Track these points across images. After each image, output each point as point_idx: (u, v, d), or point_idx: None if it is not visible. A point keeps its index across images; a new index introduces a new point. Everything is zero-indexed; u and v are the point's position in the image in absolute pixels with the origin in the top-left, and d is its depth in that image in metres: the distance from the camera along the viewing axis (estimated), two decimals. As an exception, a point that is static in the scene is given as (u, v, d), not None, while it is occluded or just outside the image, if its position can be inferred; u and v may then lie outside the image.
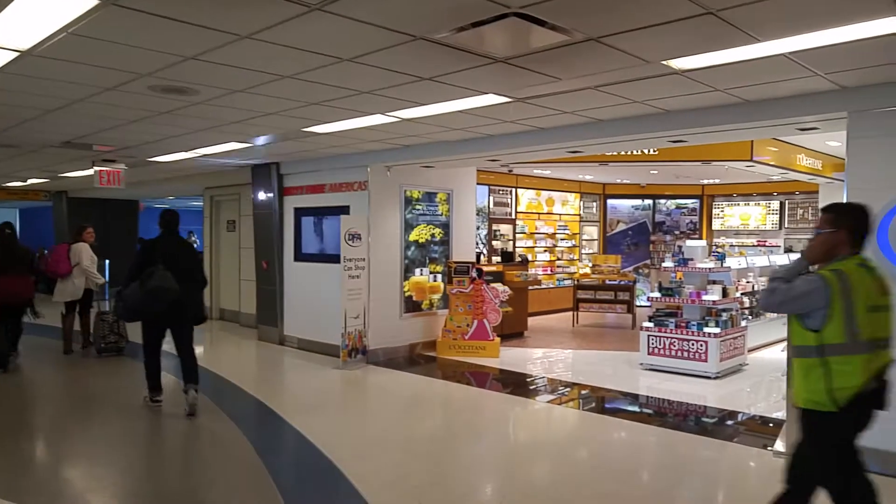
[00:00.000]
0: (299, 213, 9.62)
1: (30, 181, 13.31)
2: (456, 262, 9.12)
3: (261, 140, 7.39)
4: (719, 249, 9.51)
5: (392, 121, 6.07)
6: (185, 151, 8.29)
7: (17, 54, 4.05)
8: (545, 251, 13.57)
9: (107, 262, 14.85)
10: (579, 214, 14.42)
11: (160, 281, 5.66)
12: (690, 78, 4.46)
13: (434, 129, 6.60)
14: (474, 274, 8.92)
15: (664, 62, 4.08)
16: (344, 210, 8.60)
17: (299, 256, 9.60)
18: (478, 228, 11.10)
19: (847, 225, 2.88)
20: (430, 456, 4.94)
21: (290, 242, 9.74)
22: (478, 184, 10.14)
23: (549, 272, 13.42)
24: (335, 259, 8.42)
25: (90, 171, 9.22)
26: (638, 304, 11.25)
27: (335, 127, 6.44)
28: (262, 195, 9.99)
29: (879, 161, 4.52)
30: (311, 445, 5.11)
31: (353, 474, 4.40)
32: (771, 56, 3.91)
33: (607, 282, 11.86)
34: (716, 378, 7.35)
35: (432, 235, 9.15)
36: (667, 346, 7.71)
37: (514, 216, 12.86)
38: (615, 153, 9.68)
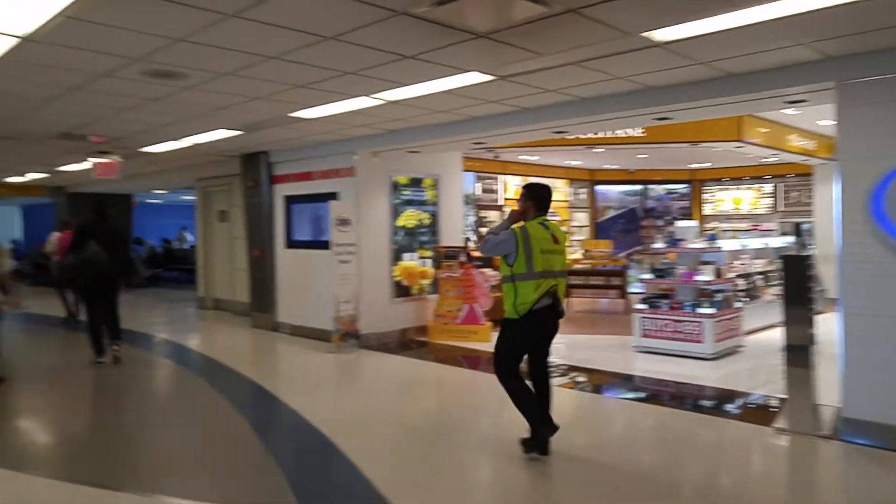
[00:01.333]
0: (289, 200, 9.70)
1: (29, 176, 13.33)
2: (445, 247, 9.22)
3: (249, 127, 7.46)
4: (711, 231, 9.62)
5: (377, 103, 6.15)
6: (176, 140, 8.35)
7: (17, 40, 4.13)
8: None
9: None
10: (568, 201, 14.53)
11: (90, 254, 7.19)
12: (672, 51, 4.55)
13: (419, 112, 6.69)
14: (464, 258, 9.01)
15: (644, 34, 4.16)
16: (333, 197, 8.68)
17: (290, 243, 9.69)
18: (466, 215, 11.18)
19: (532, 198, 4.41)
20: (425, 432, 5.03)
21: (280, 230, 9.83)
22: (465, 170, 10.23)
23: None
24: (326, 245, 8.51)
25: (86, 164, 9.27)
26: (630, 290, 11.35)
27: (321, 111, 6.52)
28: (251, 184, 10.05)
29: (869, 131, 4.51)
30: (307, 423, 5.21)
31: (349, 449, 4.51)
32: (753, 24, 3.93)
33: (599, 267, 11.97)
34: (712, 359, 7.29)
35: (420, 221, 9.24)
36: (661, 328, 7.68)
37: (501, 203, 12.96)
38: (601, 134, 9.76)
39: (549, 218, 4.48)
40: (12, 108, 6.33)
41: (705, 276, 7.69)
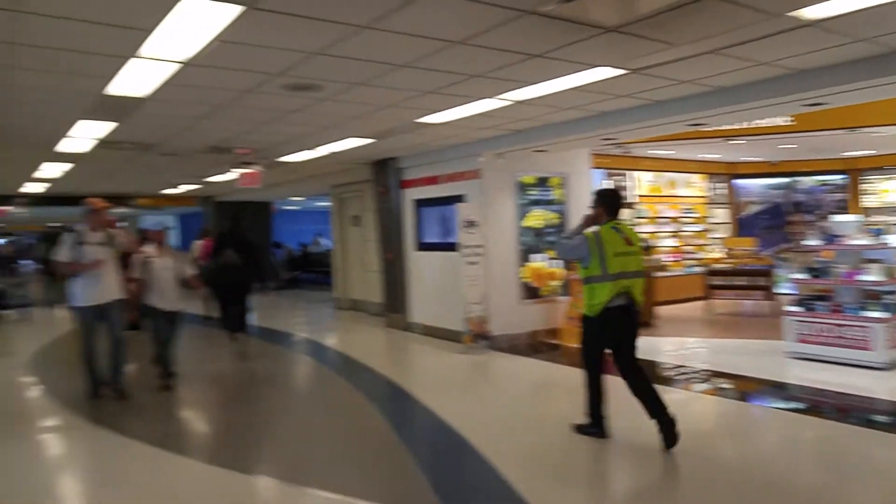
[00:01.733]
0: (418, 204, 9.92)
1: (182, 187, 14.65)
2: (575, 247, 9.00)
3: (379, 135, 7.70)
4: (876, 226, 8.55)
5: (504, 104, 6.13)
6: (312, 150, 8.80)
7: (179, 66, 4.53)
8: (670, 236, 13.04)
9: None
10: (706, 196, 13.75)
11: (227, 260, 8.43)
12: (826, 29, 4.15)
13: (545, 111, 6.59)
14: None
15: (791, 13, 3.84)
16: (459, 199, 8.77)
17: (420, 246, 9.91)
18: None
19: (604, 203, 4.67)
20: (562, 436, 4.91)
21: (410, 233, 10.07)
22: (594, 168, 9.95)
23: (675, 258, 12.88)
24: (454, 247, 8.61)
25: (232, 175, 10.01)
26: (778, 291, 10.51)
27: (448, 116, 6.60)
28: (382, 189, 10.39)
29: None
30: (443, 422, 5.29)
31: (487, 450, 4.52)
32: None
33: (742, 266, 11.22)
34: (884, 369, 6.42)
35: (548, 221, 9.11)
36: (819, 333, 6.96)
37: (633, 200, 12.49)
38: (741, 124, 9.14)
39: (620, 221, 4.74)
40: (171, 127, 6.95)
41: (872, 275, 6.87)
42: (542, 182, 9.10)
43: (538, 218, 9.02)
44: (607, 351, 4.72)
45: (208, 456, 4.82)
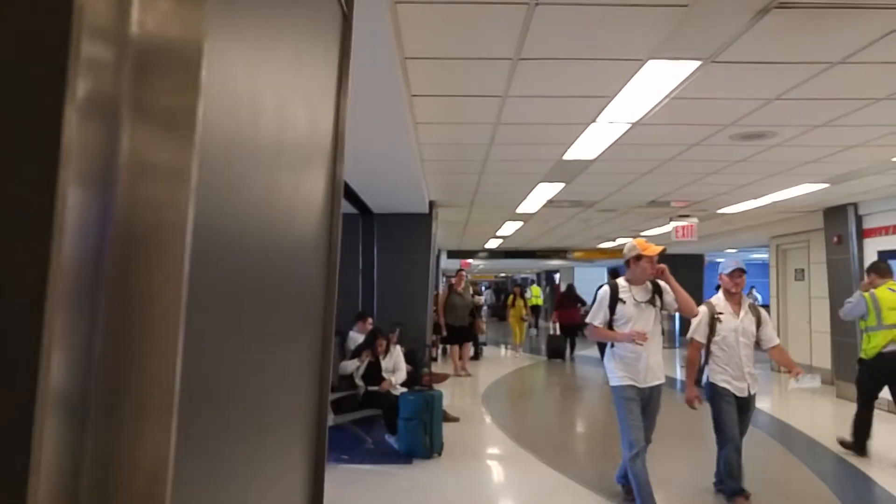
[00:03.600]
0: (884, 256, 8.37)
1: (618, 241, 15.41)
2: None
3: (837, 179, 6.82)
4: None
5: None
6: (754, 199, 8.29)
7: (629, 126, 4.84)
8: None
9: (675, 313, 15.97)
10: None
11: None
12: None
13: None
14: None
15: None
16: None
17: (889, 306, 8.32)
18: None
19: (873, 271, 6.13)
20: None
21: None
22: None
23: None
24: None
25: (667, 228, 10.11)
26: None
27: (938, 150, 5.47)
28: (836, 240, 9.11)
29: None
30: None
31: None
32: None
33: None
34: None
35: None
36: None
37: None
38: None
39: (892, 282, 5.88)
40: (613, 184, 7.39)
41: None
42: None
43: None
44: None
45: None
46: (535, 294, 21.95)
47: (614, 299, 4.29)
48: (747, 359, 4.52)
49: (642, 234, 12.82)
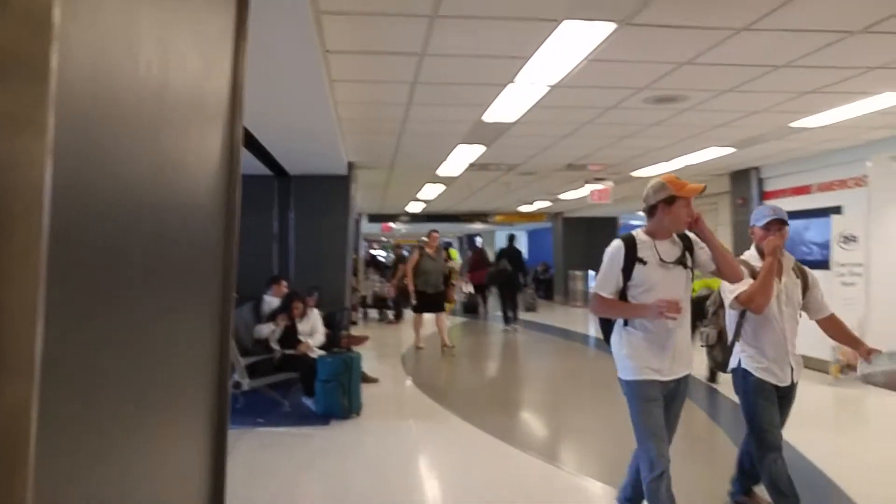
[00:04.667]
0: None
1: (536, 204, 15.65)
2: None
3: (742, 143, 7.14)
4: None
5: (912, 98, 5.14)
6: (667, 162, 8.57)
7: (547, 88, 4.85)
8: None
9: (590, 272, 16.63)
10: None
11: (501, 266, 12.10)
12: None
13: (973, 102, 5.32)
14: None
15: None
16: (835, 211, 7.63)
17: (784, 265, 8.87)
18: None
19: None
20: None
21: (773, 250, 9.09)
22: None
23: None
24: (822, 265, 7.51)
25: (583, 192, 10.34)
26: None
27: (830, 117, 5.80)
28: (740, 202, 9.60)
29: None
30: (803, 457, 4.65)
31: (858, 497, 3.85)
32: None
33: None
34: None
35: (967, 238, 7.32)
36: None
37: None
38: None
39: None
40: (532, 147, 7.45)
41: None
42: (957, 190, 7.36)
43: (951, 234, 7.33)
44: None
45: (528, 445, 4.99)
46: (454, 257, 22.29)
47: (631, 259, 3.00)
48: (791, 335, 3.36)
49: (560, 196, 13.06)
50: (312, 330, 6.51)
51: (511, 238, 13.97)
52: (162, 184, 1.14)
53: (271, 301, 6.84)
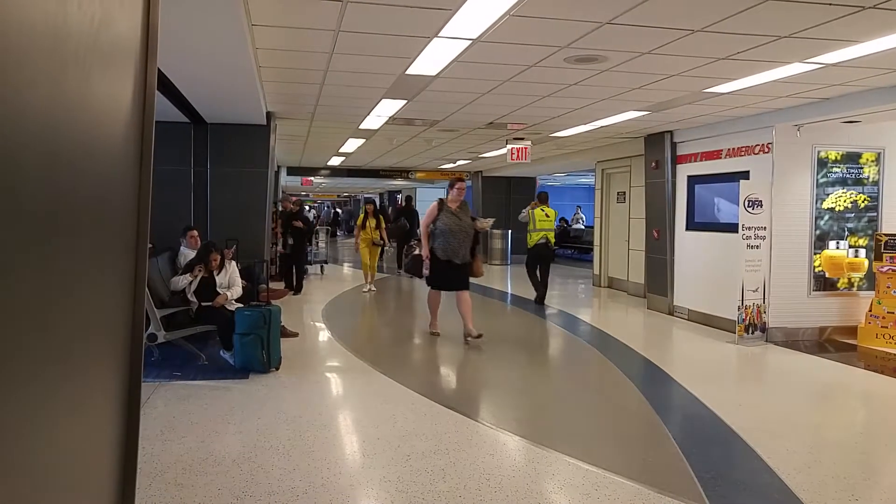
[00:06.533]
0: (693, 180, 9.33)
1: (458, 162, 15.67)
2: (888, 235, 7.74)
3: (657, 107, 7.37)
4: None
5: (812, 68, 5.43)
6: (586, 124, 8.75)
7: (469, 42, 4.80)
8: None
9: (509, 231, 16.90)
10: None
11: (399, 224, 14.48)
12: None
13: (867, 74, 5.68)
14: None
15: None
16: (743, 175, 8.04)
17: (691, 225, 9.33)
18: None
19: (536, 199, 10.67)
20: (853, 448, 4.33)
21: (681, 211, 9.53)
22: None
23: None
24: (731, 228, 7.97)
25: (502, 151, 10.42)
26: None
27: (741, 84, 6.06)
28: (654, 165, 9.97)
29: None
30: (710, 411, 4.98)
31: (761, 448, 4.15)
32: None
33: None
34: None
35: (853, 203, 7.92)
36: None
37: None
38: None
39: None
40: (454, 103, 7.42)
41: None
42: (851, 158, 7.92)
43: (841, 199, 7.90)
44: None
45: (458, 404, 5.14)
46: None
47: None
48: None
49: (481, 155, 13.14)
50: (230, 282, 6.35)
51: (409, 199, 16.09)
52: (59, 127, 1.07)
53: (188, 253, 6.62)
